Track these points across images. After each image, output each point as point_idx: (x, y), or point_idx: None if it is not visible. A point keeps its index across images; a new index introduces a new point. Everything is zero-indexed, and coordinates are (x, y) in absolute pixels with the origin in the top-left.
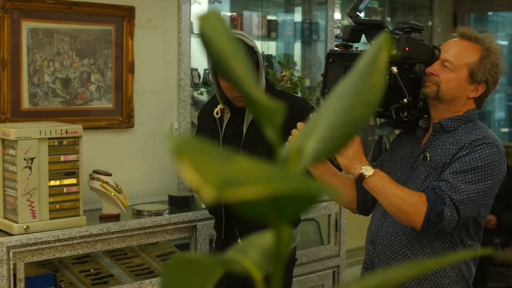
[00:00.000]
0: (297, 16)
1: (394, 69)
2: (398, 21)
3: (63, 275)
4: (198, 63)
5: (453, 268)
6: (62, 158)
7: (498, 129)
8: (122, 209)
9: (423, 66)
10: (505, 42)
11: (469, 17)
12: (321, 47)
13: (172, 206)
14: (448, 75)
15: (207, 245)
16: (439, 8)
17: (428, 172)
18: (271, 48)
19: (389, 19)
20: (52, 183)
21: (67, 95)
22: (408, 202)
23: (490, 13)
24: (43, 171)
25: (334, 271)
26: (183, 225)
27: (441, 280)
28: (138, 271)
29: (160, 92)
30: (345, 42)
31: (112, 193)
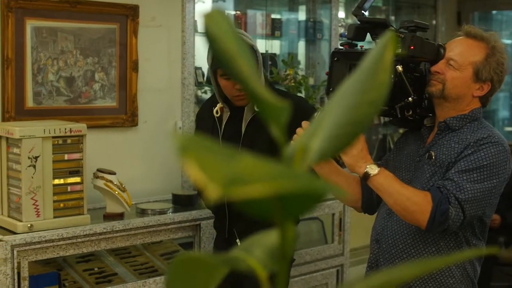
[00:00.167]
0: (301, 15)
1: (399, 67)
2: (402, 19)
3: (67, 274)
4: (202, 62)
5: (458, 267)
6: (66, 156)
7: (502, 128)
8: (126, 208)
9: (428, 65)
10: (509, 41)
11: (473, 16)
12: (325, 45)
13: (176, 204)
14: (453, 73)
15: (211, 244)
16: (443, 7)
17: (433, 171)
18: (275, 46)
19: (393, 17)
20: (56, 181)
21: (71, 94)
22: (413, 201)
23: (494, 11)
24: (47, 169)
25: (338, 270)
26: (187, 224)
27: (446, 279)
28: (142, 270)
29: (164, 90)
30: (350, 41)
31: (116, 192)
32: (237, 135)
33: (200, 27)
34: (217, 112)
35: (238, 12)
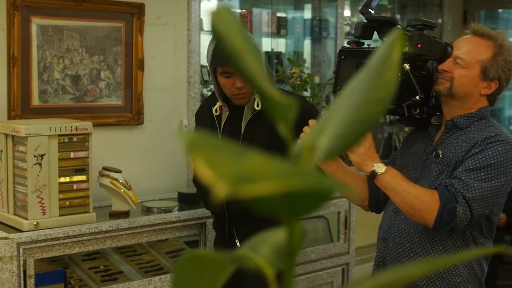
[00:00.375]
0: (307, 13)
1: (407, 66)
2: (409, 18)
3: (72, 272)
4: None
5: (465, 266)
6: (72, 155)
7: (508, 127)
8: (131, 206)
9: (435, 63)
10: None
11: (479, 14)
12: (330, 44)
13: (182, 203)
14: (461, 71)
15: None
16: (449, 5)
17: (441, 169)
18: (281, 45)
19: (398, 16)
20: (62, 179)
21: (77, 92)
22: (420, 200)
23: (500, 10)
24: (53, 167)
25: (343, 269)
26: (193, 222)
27: (453, 278)
28: (147, 268)
29: (170, 89)
30: (357, 39)
31: (122, 190)
32: (236, 134)
33: (206, 25)
34: (216, 111)
35: (244, 10)
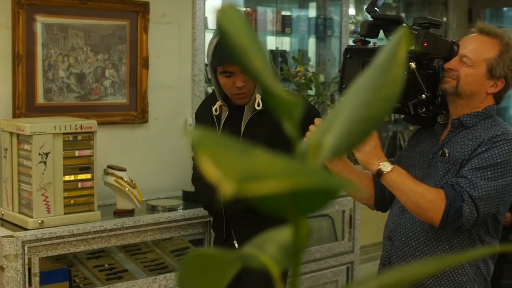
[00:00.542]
0: (312, 12)
1: (413, 64)
2: (413, 16)
3: (77, 270)
4: None
5: (471, 265)
6: (76, 153)
7: None
8: (136, 204)
9: (442, 62)
10: None
11: (484, 12)
12: (335, 42)
13: (186, 201)
14: (467, 70)
15: None
16: (454, 4)
17: (447, 168)
18: (285, 43)
19: (403, 14)
20: (67, 178)
21: (82, 90)
22: (426, 199)
23: (505, 8)
24: (58, 166)
25: (348, 267)
26: (197, 221)
27: (459, 277)
28: (152, 266)
29: (175, 87)
30: (363, 38)
31: (127, 188)
32: (236, 134)
33: (211, 23)
34: (216, 110)
35: (248, 8)
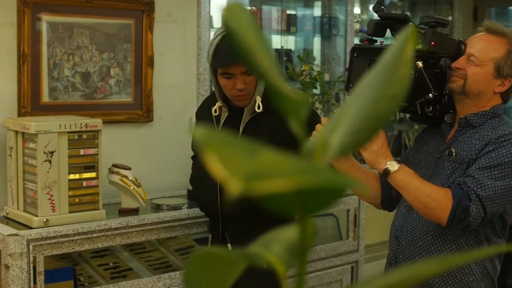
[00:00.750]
0: (317, 11)
1: (420, 63)
2: (419, 15)
3: (82, 269)
4: None
5: (478, 265)
6: (81, 151)
7: None
8: (141, 203)
9: (449, 61)
10: None
11: (490, 11)
12: (340, 41)
13: (191, 200)
14: (474, 69)
15: None
16: (459, 3)
17: (454, 167)
18: (291, 42)
19: (408, 13)
20: (72, 176)
21: (87, 89)
22: (433, 198)
23: (511, 7)
24: (63, 164)
25: (352, 267)
26: (202, 219)
27: (466, 277)
28: (156, 265)
29: (180, 86)
30: (369, 37)
31: (131, 187)
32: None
33: (216, 22)
34: (215, 111)
35: (254, 7)
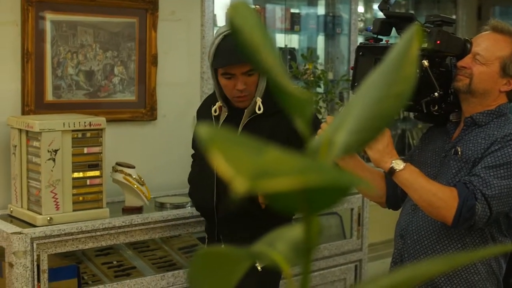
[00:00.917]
0: (321, 9)
1: (425, 62)
2: (423, 14)
3: (86, 267)
4: None
5: (484, 264)
6: (85, 150)
7: None
8: (145, 202)
9: (454, 60)
10: None
11: (494, 10)
12: (344, 40)
13: None
14: (480, 67)
15: None
16: (463, 1)
17: (459, 166)
18: (294, 41)
19: (412, 12)
20: (76, 175)
21: (91, 88)
22: (439, 197)
23: None
24: (67, 163)
25: (356, 265)
26: None
27: (471, 276)
28: (160, 264)
29: (183, 84)
30: (375, 35)
31: (135, 186)
32: None
33: (220, 21)
34: (215, 111)
35: (257, 6)
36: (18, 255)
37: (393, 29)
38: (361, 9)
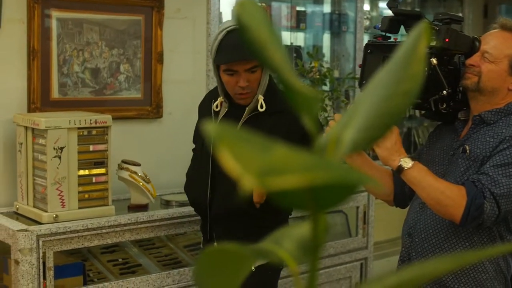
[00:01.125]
0: (326, 7)
1: (434, 60)
2: (429, 12)
3: (91, 264)
4: None
5: (492, 263)
6: (91, 147)
7: None
8: (150, 199)
9: (463, 58)
10: None
11: (500, 8)
12: (350, 38)
13: None
14: (488, 66)
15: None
16: None
17: (468, 165)
18: (300, 39)
19: (418, 10)
20: (81, 172)
21: (96, 85)
22: (447, 195)
23: None
24: (73, 160)
25: (361, 263)
26: None
27: (479, 275)
28: (165, 261)
29: (189, 82)
30: (383, 33)
31: (141, 183)
32: None
33: (225, 18)
34: (216, 107)
35: (263, 4)
36: (24, 253)
37: (402, 27)
38: (367, 7)
